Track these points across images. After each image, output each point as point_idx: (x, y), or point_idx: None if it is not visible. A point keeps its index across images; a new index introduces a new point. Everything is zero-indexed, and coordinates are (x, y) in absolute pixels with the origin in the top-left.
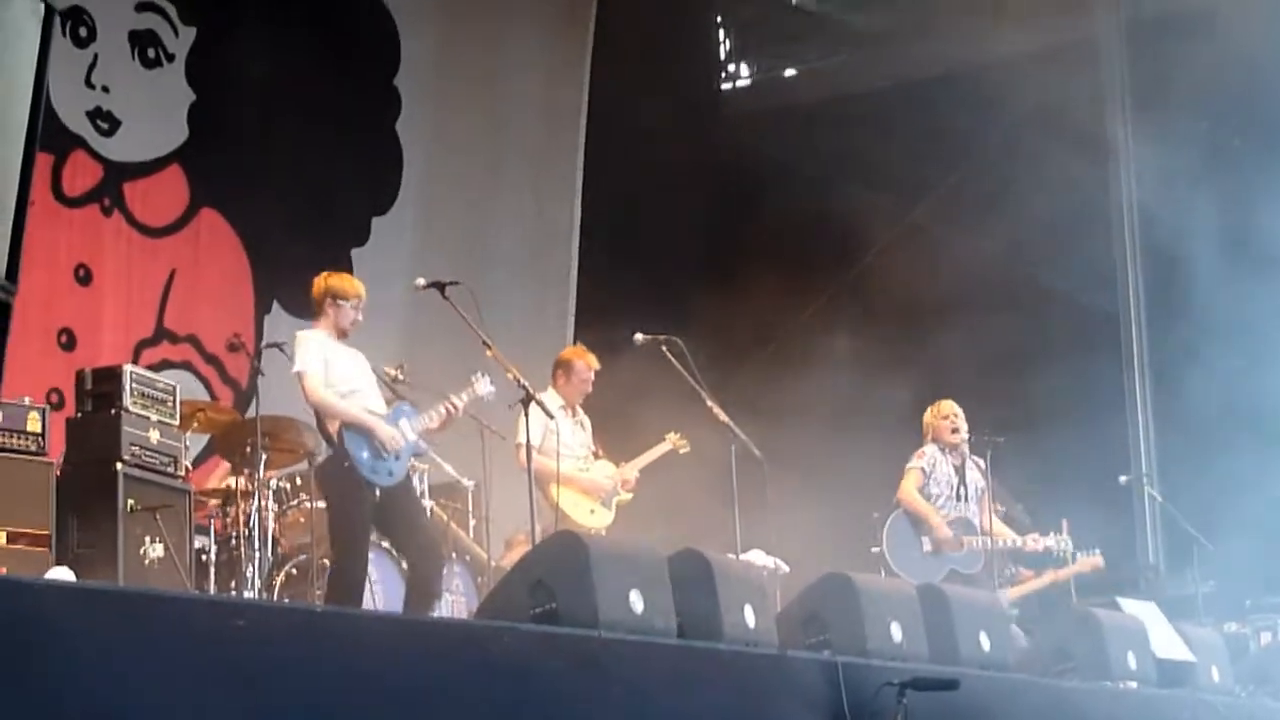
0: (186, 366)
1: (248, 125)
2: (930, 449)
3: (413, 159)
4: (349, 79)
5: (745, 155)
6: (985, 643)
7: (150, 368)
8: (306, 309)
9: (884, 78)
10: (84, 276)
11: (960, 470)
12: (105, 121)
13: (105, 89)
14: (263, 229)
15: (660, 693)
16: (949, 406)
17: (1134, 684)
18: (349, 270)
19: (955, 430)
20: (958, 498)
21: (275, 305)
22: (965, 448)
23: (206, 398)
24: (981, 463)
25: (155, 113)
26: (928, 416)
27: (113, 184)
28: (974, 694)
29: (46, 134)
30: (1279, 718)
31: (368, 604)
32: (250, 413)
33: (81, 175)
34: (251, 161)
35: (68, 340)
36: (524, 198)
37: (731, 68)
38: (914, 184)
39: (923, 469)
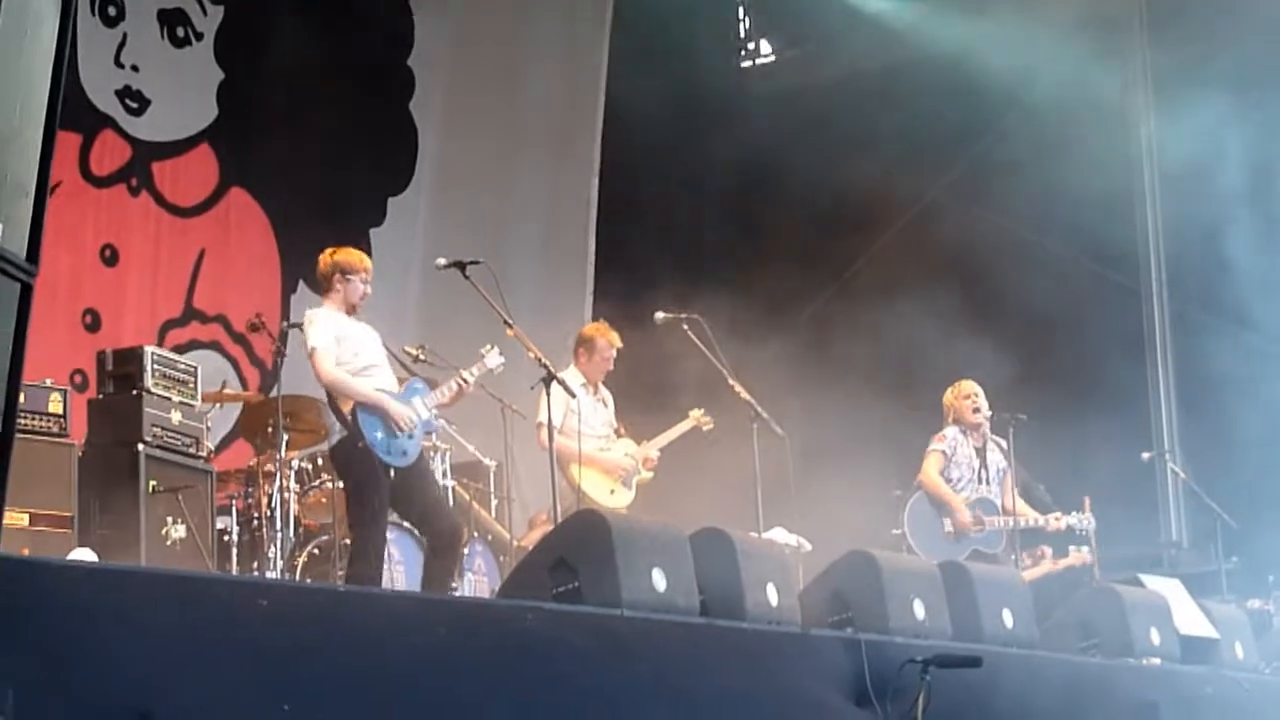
0: (214, 347)
1: (275, 104)
2: (951, 431)
3: (427, 139)
4: (366, 58)
5: (766, 132)
6: (1008, 620)
7: (177, 348)
8: None
9: (903, 53)
10: (110, 257)
11: (981, 451)
12: (134, 101)
13: (134, 68)
14: (289, 208)
15: (683, 671)
16: (969, 386)
17: (1157, 660)
18: (368, 252)
19: (976, 410)
20: (979, 480)
21: (301, 285)
22: (986, 428)
23: (234, 377)
24: (1003, 443)
25: (184, 92)
26: (948, 397)
27: (141, 164)
28: (997, 671)
29: (75, 113)
30: None
31: (388, 583)
32: (284, 391)
33: (110, 155)
34: (279, 141)
35: (92, 321)
36: (542, 176)
37: (752, 45)
38: (935, 160)
39: (944, 452)
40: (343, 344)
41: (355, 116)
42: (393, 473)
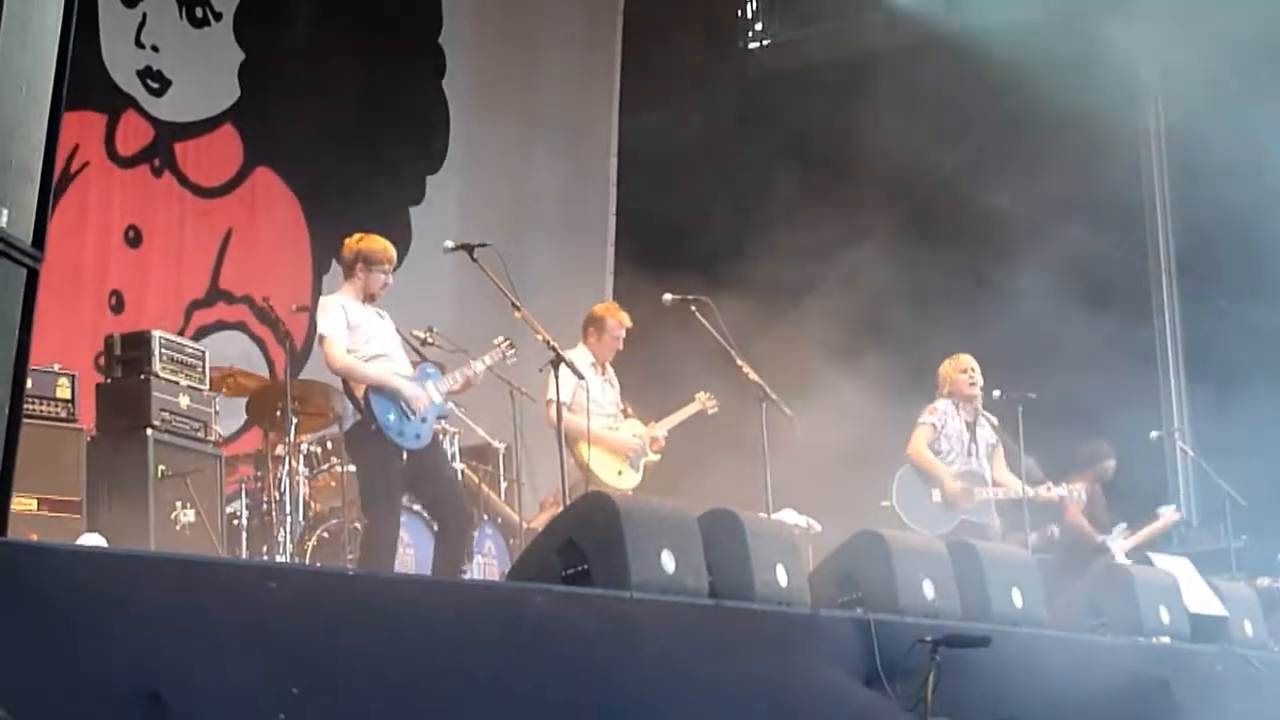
0: (240, 327)
1: (299, 84)
2: (943, 404)
3: (458, 117)
4: (395, 36)
5: (772, 112)
6: (1018, 599)
7: (203, 329)
8: None
9: (908, 35)
10: (133, 238)
11: (971, 426)
12: (155, 81)
13: (155, 48)
14: (318, 188)
15: (692, 653)
16: (967, 360)
17: (1166, 639)
18: (409, 229)
19: (973, 384)
20: (968, 453)
21: (335, 265)
22: (979, 402)
23: (261, 359)
24: (994, 419)
25: (205, 72)
26: (945, 369)
27: (164, 144)
28: (1006, 650)
29: (100, 93)
30: None
31: (400, 567)
32: (303, 375)
33: (133, 135)
34: (305, 120)
35: (117, 303)
36: (562, 156)
37: (759, 26)
38: (945, 139)
39: (934, 424)
40: (356, 332)
41: (385, 95)
42: (405, 456)
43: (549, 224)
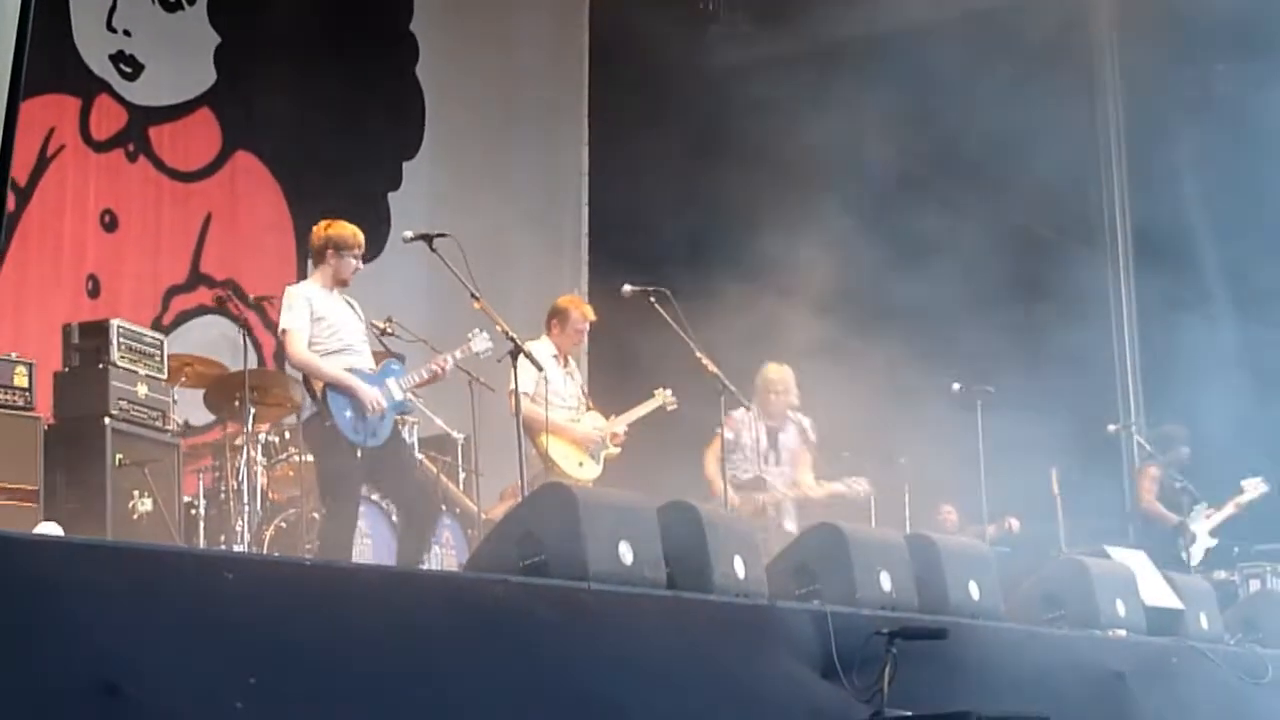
0: (224, 312)
1: (276, 68)
2: (740, 414)
3: (432, 104)
4: (368, 24)
5: (737, 100)
6: (975, 591)
7: (184, 314)
8: None
9: (867, 26)
10: (109, 223)
11: (774, 433)
12: (128, 65)
13: (127, 33)
14: (299, 173)
15: (650, 644)
16: (774, 373)
17: (1123, 632)
18: (388, 216)
19: (778, 396)
20: (765, 461)
21: None
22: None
23: (248, 343)
24: (807, 421)
25: (179, 56)
26: (758, 380)
27: (138, 128)
28: (963, 642)
29: (72, 76)
30: (1267, 664)
31: (358, 557)
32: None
33: (107, 119)
34: (283, 105)
35: (94, 287)
36: (536, 145)
37: (723, 16)
38: (904, 133)
39: (728, 436)
40: (319, 323)
41: (361, 81)
42: (359, 452)
43: (527, 214)
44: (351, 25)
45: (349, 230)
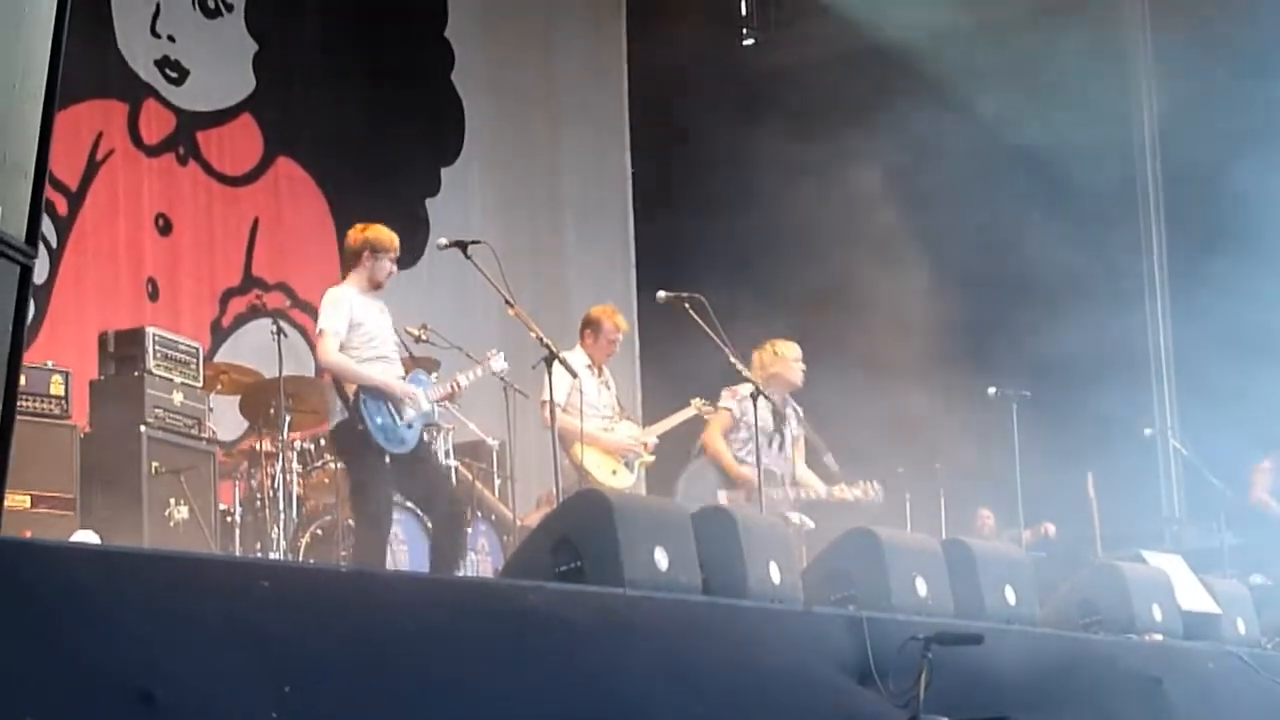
0: (279, 315)
1: (314, 76)
2: (747, 388)
3: (472, 110)
4: (402, 30)
5: (771, 104)
6: (1010, 596)
7: (240, 316)
8: None
9: (908, 27)
10: (164, 226)
11: (779, 416)
12: (174, 71)
13: (171, 38)
14: (339, 178)
15: (685, 650)
16: (796, 348)
17: (1159, 636)
18: (426, 221)
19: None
20: (769, 445)
21: None
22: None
23: (303, 344)
24: (799, 409)
25: (220, 62)
26: (767, 354)
27: (186, 133)
28: (999, 648)
29: (119, 81)
30: None
31: (393, 564)
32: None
33: (156, 123)
34: (322, 111)
35: (153, 290)
36: (580, 149)
37: (754, 23)
38: (932, 132)
39: (732, 410)
40: (358, 330)
41: (397, 87)
42: (388, 458)
43: (572, 219)
44: (385, 33)
45: (386, 233)
